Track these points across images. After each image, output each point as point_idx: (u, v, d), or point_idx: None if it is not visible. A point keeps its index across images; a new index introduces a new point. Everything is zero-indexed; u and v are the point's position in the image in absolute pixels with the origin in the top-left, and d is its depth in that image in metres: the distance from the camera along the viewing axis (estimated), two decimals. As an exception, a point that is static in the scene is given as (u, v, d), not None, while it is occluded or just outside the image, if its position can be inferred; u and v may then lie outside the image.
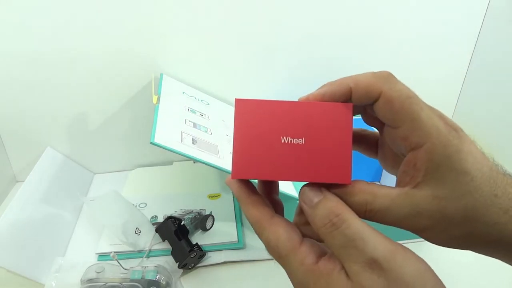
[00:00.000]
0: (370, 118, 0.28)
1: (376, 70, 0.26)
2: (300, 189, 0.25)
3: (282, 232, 0.24)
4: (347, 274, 0.22)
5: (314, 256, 0.23)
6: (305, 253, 0.24)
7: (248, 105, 0.23)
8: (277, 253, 0.25)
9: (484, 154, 0.24)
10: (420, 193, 0.23)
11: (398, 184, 0.25)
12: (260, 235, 0.26)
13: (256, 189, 0.27)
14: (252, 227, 0.26)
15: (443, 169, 0.23)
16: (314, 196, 0.24)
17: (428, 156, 0.23)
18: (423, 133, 0.23)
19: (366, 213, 0.24)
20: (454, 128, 0.24)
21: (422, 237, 0.24)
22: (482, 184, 0.23)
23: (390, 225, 0.24)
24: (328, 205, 0.23)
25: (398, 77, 0.31)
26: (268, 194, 0.29)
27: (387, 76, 0.25)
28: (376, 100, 0.24)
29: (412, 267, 0.22)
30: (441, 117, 0.24)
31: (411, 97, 0.24)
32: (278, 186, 0.29)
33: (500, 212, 0.23)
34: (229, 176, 0.25)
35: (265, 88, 0.71)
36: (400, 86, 0.24)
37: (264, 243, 0.26)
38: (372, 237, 0.22)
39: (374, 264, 0.21)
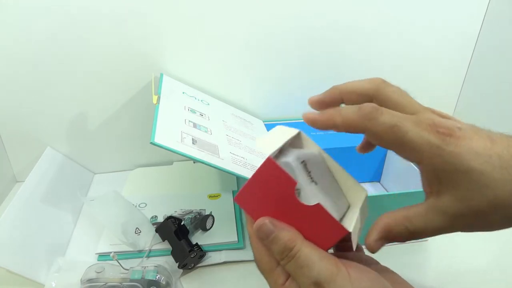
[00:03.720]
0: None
1: (374, 70, 0.27)
2: (254, 226, 0.28)
3: (264, 254, 0.29)
4: None
5: (284, 278, 0.28)
6: (277, 275, 0.28)
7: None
8: (260, 268, 0.30)
9: (489, 142, 0.25)
10: (443, 200, 0.26)
11: (426, 192, 0.28)
12: (251, 246, 0.30)
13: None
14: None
15: (450, 175, 0.25)
16: (269, 232, 0.27)
17: (431, 170, 0.26)
18: (417, 152, 0.25)
19: (409, 236, 0.27)
20: (448, 133, 0.25)
21: (471, 231, 0.26)
22: (495, 173, 0.24)
23: (433, 235, 0.27)
24: (282, 241, 0.27)
25: (398, 77, 0.31)
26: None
27: (370, 111, 0.26)
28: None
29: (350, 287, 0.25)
30: (432, 125, 0.25)
31: (394, 126, 0.26)
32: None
33: None
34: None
35: (266, 88, 0.71)
36: (384, 118, 0.26)
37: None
38: (317, 263, 0.26)
39: (319, 285, 0.25)
